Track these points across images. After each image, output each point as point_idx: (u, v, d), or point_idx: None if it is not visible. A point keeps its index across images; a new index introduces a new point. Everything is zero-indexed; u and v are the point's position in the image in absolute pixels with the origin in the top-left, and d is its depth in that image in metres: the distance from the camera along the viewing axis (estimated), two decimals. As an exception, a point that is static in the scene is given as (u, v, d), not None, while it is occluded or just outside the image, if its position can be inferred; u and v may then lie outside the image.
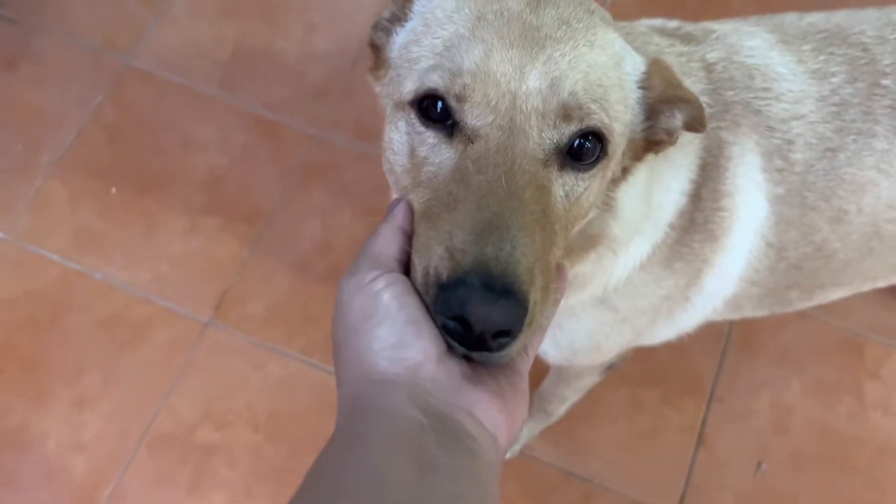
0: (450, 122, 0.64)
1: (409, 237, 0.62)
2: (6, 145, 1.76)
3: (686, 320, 1.04)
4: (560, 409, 1.41)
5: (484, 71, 0.63)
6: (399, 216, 0.63)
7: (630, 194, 0.80)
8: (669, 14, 0.93)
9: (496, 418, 0.56)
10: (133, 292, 1.62)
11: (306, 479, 0.52)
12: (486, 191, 0.59)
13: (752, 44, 0.94)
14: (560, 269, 0.67)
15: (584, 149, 0.65)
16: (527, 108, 0.62)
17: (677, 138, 0.75)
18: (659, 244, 0.90)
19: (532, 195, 0.60)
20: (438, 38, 0.67)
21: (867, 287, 1.07)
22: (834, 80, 0.92)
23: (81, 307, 1.61)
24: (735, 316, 1.09)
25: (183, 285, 1.63)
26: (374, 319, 0.56)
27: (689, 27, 0.96)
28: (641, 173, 0.81)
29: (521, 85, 0.63)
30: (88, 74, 1.83)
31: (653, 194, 0.85)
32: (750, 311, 1.08)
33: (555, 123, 0.63)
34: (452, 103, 0.63)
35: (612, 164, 0.71)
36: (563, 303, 0.90)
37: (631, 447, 1.52)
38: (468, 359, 0.58)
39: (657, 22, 0.96)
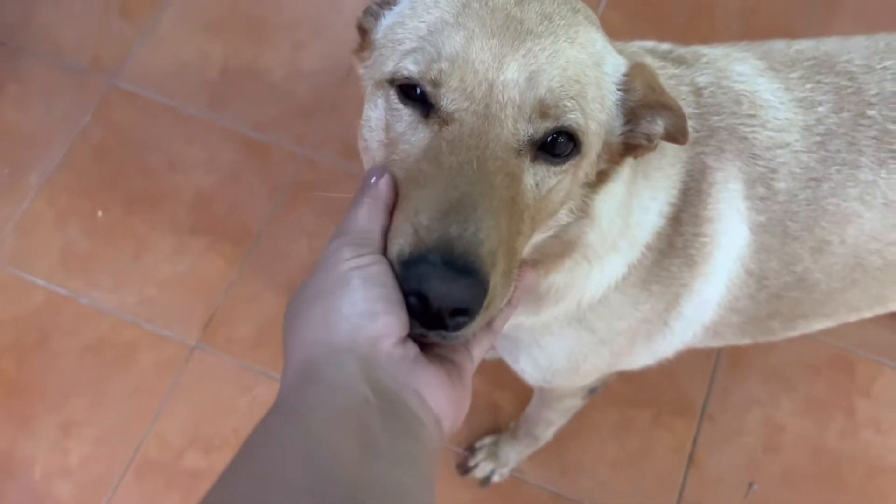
0: (428, 103, 0.65)
1: (391, 210, 0.62)
2: (-8, 167, 1.75)
3: (665, 345, 1.04)
4: (547, 433, 1.40)
5: (463, 57, 0.64)
6: (383, 189, 0.62)
7: (608, 204, 0.79)
8: (656, 28, 0.92)
9: (443, 403, 0.56)
10: (120, 316, 1.61)
11: (242, 450, 0.51)
12: (456, 171, 0.60)
13: (741, 69, 0.93)
14: (522, 266, 0.67)
15: (557, 143, 0.66)
16: (503, 98, 0.63)
17: (657, 144, 0.75)
18: (635, 265, 0.89)
19: (502, 181, 0.61)
20: (423, 21, 0.68)
21: (852, 318, 1.06)
22: (820, 109, 0.92)
23: (68, 331, 1.60)
24: (716, 343, 1.09)
25: (170, 308, 1.62)
26: (350, 287, 0.55)
27: (681, 50, 0.96)
28: (620, 186, 0.80)
29: (498, 75, 0.63)
30: (74, 95, 1.82)
31: (631, 212, 0.85)
32: (732, 339, 1.07)
33: (530, 118, 0.64)
34: (428, 88, 0.64)
35: (585, 163, 0.71)
36: (537, 318, 0.91)
37: (621, 468, 1.52)
38: (423, 342, 0.58)
39: (649, 44, 0.96)
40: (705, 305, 0.97)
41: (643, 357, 1.06)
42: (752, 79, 0.93)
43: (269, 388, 1.55)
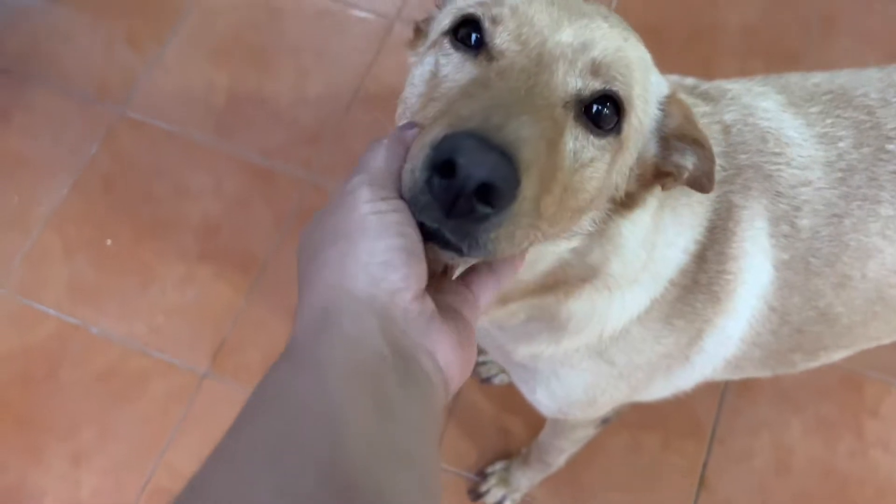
0: (479, 48, 0.65)
1: None
2: (1, 197, 1.76)
3: (684, 379, 1.04)
4: (559, 460, 1.40)
5: (523, 11, 0.65)
6: (408, 135, 0.60)
7: (633, 233, 0.80)
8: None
9: (452, 364, 0.56)
10: (129, 345, 1.62)
11: (256, 398, 0.49)
12: (505, 92, 0.58)
13: (766, 105, 0.94)
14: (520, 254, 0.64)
15: (601, 114, 0.65)
16: (556, 52, 0.64)
17: (685, 179, 0.76)
18: (658, 299, 0.89)
19: (547, 118, 0.59)
20: None
21: (872, 346, 1.07)
22: (841, 144, 0.93)
23: (77, 361, 1.60)
24: (736, 376, 1.09)
25: (179, 336, 1.63)
26: (371, 234, 0.53)
27: (706, 86, 0.96)
28: (646, 217, 0.80)
29: (553, 34, 0.64)
30: (82, 124, 1.83)
31: (655, 246, 0.85)
32: (752, 372, 1.07)
33: (581, 73, 0.64)
34: (487, 24, 0.65)
35: (621, 158, 0.70)
36: (557, 347, 0.90)
37: (633, 492, 1.52)
38: (436, 238, 0.55)
39: (673, 78, 0.96)
40: (727, 341, 0.97)
41: (660, 390, 1.06)
42: (776, 115, 0.94)
43: (279, 416, 1.55)
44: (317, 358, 0.50)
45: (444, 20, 0.72)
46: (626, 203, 0.76)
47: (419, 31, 0.79)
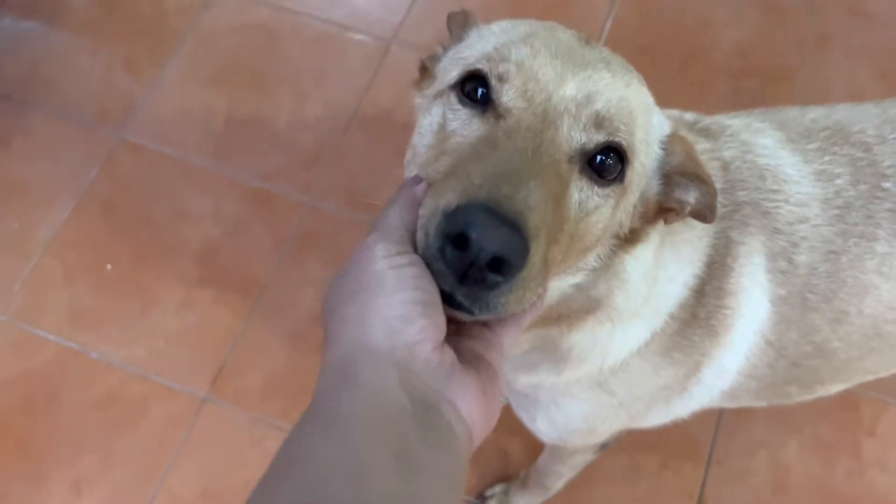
0: (486, 105, 0.67)
1: None
2: (1, 223, 1.77)
3: (682, 408, 1.05)
4: (557, 484, 1.41)
5: (528, 66, 0.67)
6: (419, 193, 0.62)
7: (636, 268, 0.81)
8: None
9: (476, 413, 0.56)
10: (129, 370, 1.62)
11: (283, 457, 0.51)
12: (512, 154, 0.60)
13: (764, 142, 0.96)
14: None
15: (605, 164, 0.68)
16: (560, 107, 0.66)
17: (688, 214, 0.77)
18: (658, 332, 0.90)
19: (553, 176, 0.62)
20: (490, 44, 0.72)
21: (868, 379, 1.08)
22: (838, 181, 0.94)
23: (78, 386, 1.61)
24: (732, 405, 1.10)
25: (179, 361, 1.64)
26: (388, 288, 0.55)
27: (706, 121, 0.98)
28: (649, 252, 0.82)
29: (558, 89, 0.66)
30: (81, 149, 1.85)
31: (657, 281, 0.86)
32: (748, 402, 1.08)
33: (585, 127, 0.66)
34: (493, 82, 0.67)
35: (625, 200, 0.72)
36: (559, 378, 0.92)
37: (631, 513, 1.52)
38: (450, 300, 0.57)
39: (675, 113, 0.98)
40: (725, 373, 0.98)
41: (659, 418, 1.08)
42: (774, 152, 0.95)
43: (279, 441, 1.53)
44: (339, 414, 0.52)
45: (452, 71, 0.73)
46: (629, 239, 0.78)
47: (425, 70, 0.81)
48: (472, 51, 0.73)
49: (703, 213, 0.77)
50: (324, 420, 0.52)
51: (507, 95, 0.66)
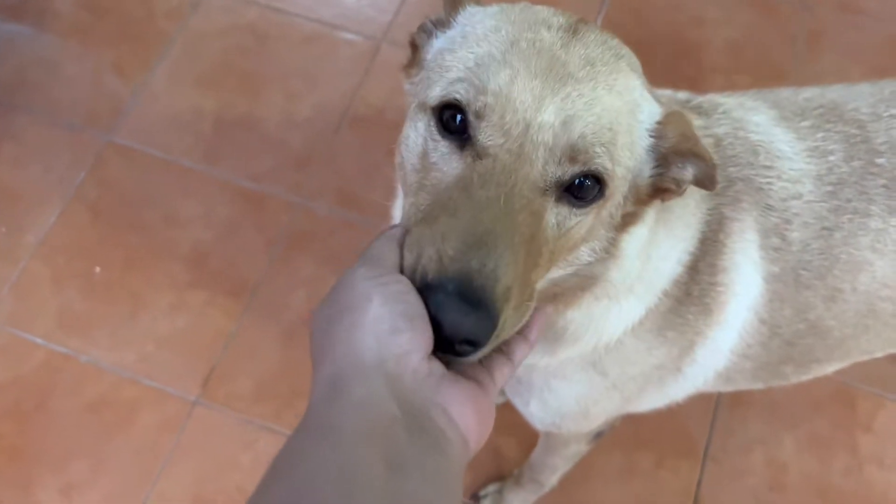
0: (465, 136, 0.68)
1: (399, 247, 0.65)
2: (-11, 227, 1.75)
3: (676, 390, 1.04)
4: (552, 479, 1.40)
5: (506, 95, 0.66)
6: (398, 232, 0.66)
7: (632, 245, 0.81)
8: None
9: (469, 420, 0.58)
10: (119, 374, 1.61)
11: (275, 466, 0.52)
12: (484, 206, 0.63)
13: (757, 119, 0.95)
14: (540, 306, 0.71)
15: (583, 187, 0.68)
16: (537, 139, 0.66)
17: (685, 190, 0.77)
18: (652, 310, 0.90)
19: (525, 219, 0.64)
20: (472, 53, 0.71)
21: (865, 358, 1.07)
22: (831, 158, 0.93)
23: (68, 391, 1.60)
24: (728, 388, 1.09)
25: (170, 364, 1.62)
26: (375, 303, 0.58)
27: (698, 99, 0.97)
28: (643, 229, 0.81)
29: (536, 116, 0.66)
30: (69, 153, 1.83)
31: (650, 259, 0.86)
32: (744, 384, 1.08)
33: (560, 161, 0.66)
34: (471, 118, 0.67)
35: (609, 205, 0.73)
36: (553, 358, 0.91)
37: (627, 512, 1.51)
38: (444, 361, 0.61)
39: (666, 93, 0.97)
40: (718, 352, 0.98)
41: (653, 401, 1.07)
42: (767, 129, 0.95)
43: (271, 443, 1.54)
44: (329, 424, 0.54)
45: (434, 81, 0.72)
46: (624, 223, 0.78)
47: (416, 49, 0.80)
48: (454, 57, 0.72)
49: (704, 183, 0.77)
50: (315, 431, 0.54)
51: (484, 134, 0.66)
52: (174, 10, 2.02)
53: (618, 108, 0.70)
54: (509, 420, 1.55)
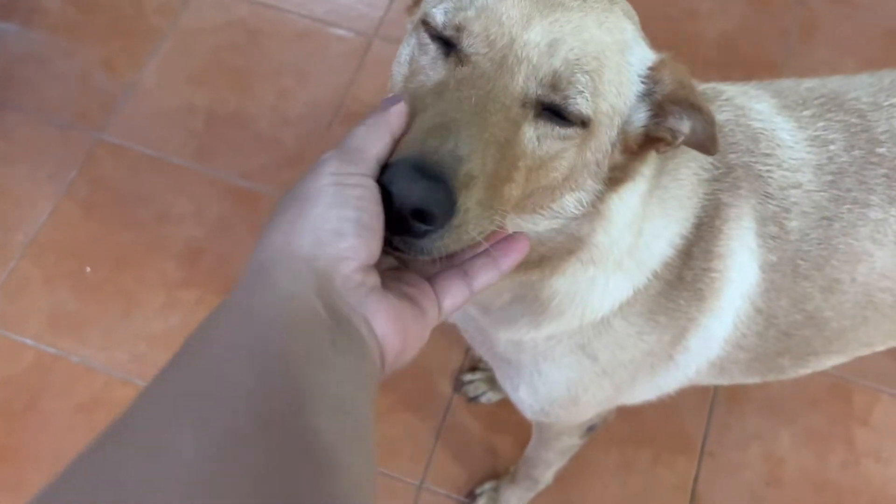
0: (452, 43, 0.67)
1: (395, 140, 0.61)
2: (-22, 227, 1.74)
3: (668, 380, 1.03)
4: (546, 475, 1.39)
5: (492, 8, 0.66)
6: (393, 115, 0.61)
7: (621, 210, 0.79)
8: None
9: (390, 335, 0.55)
10: (112, 374, 1.59)
11: (184, 348, 0.49)
12: (454, 104, 0.62)
13: (760, 107, 0.94)
14: (517, 237, 0.66)
15: (566, 111, 0.67)
16: (521, 54, 0.65)
17: (681, 142, 0.75)
18: (641, 291, 0.88)
19: (499, 121, 0.62)
20: None
21: (865, 352, 1.06)
22: (832, 147, 0.93)
23: (59, 392, 1.58)
24: (723, 381, 1.08)
25: (162, 363, 1.59)
26: (327, 201, 0.55)
27: (701, 87, 0.95)
28: (635, 196, 0.80)
29: (522, 32, 0.65)
30: (59, 151, 1.81)
31: (642, 233, 0.84)
32: (739, 377, 1.07)
33: (541, 82, 0.65)
34: (451, 33, 0.66)
35: (594, 142, 0.71)
36: (538, 332, 0.90)
37: (624, 509, 1.50)
38: (393, 249, 0.59)
39: None
40: (711, 341, 0.97)
41: (645, 391, 1.06)
42: (769, 117, 0.94)
43: (265, 442, 1.53)
44: (250, 311, 0.51)
45: (428, 2, 0.72)
46: (616, 178, 0.76)
47: None
48: None
49: (704, 144, 0.74)
50: (232, 314, 0.51)
51: (467, 42, 0.66)
52: (165, 7, 2.00)
53: (606, 44, 0.69)
54: (504, 418, 1.55)
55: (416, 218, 0.57)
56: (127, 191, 1.78)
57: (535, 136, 0.66)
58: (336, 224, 0.54)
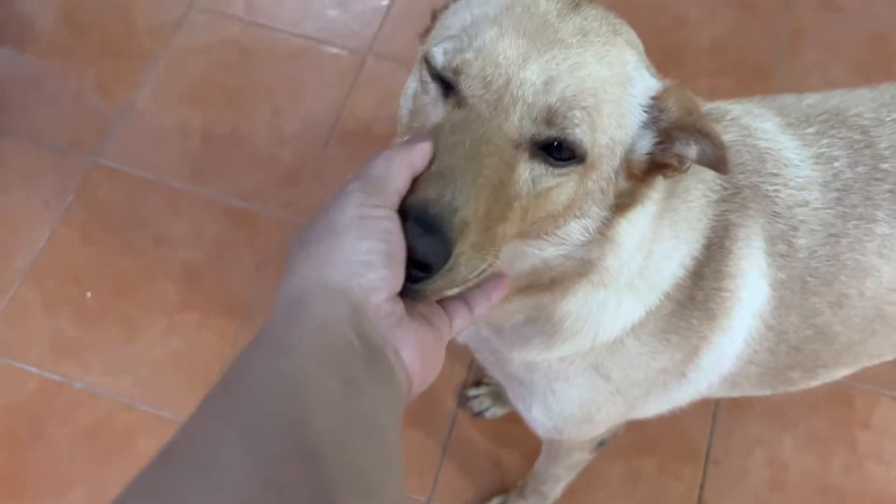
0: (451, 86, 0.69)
1: (414, 176, 0.63)
2: (-25, 254, 1.73)
3: (680, 395, 1.04)
4: (555, 490, 1.40)
5: (489, 49, 0.67)
6: (417, 152, 0.64)
7: (630, 234, 0.80)
8: None
9: (416, 365, 0.59)
10: (115, 399, 1.59)
11: (225, 378, 0.51)
12: (449, 149, 0.63)
13: (765, 126, 0.95)
14: (500, 276, 0.72)
15: (561, 149, 0.68)
16: (517, 94, 0.66)
17: (688, 168, 0.75)
18: (653, 311, 0.89)
19: (493, 164, 0.64)
20: (471, 14, 0.72)
21: (874, 363, 1.07)
22: (836, 164, 0.93)
23: (63, 418, 1.58)
24: (735, 394, 1.09)
25: (166, 388, 1.61)
26: (356, 234, 0.57)
27: (707, 107, 0.96)
28: (645, 220, 0.80)
29: (518, 71, 0.66)
30: (55, 176, 1.81)
31: (652, 255, 0.85)
32: (750, 390, 1.08)
33: (536, 120, 0.66)
34: (449, 75, 0.68)
35: (595, 174, 0.72)
36: (549, 353, 0.91)
37: (631, 519, 1.51)
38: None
39: None
40: (723, 358, 0.98)
41: (657, 406, 1.07)
42: (774, 136, 0.94)
43: (271, 464, 1.53)
44: (287, 339, 0.54)
45: (433, 41, 0.74)
46: (624, 203, 0.76)
47: (434, 18, 0.80)
48: (456, 19, 0.73)
49: (716, 166, 0.75)
50: (272, 346, 0.54)
51: (465, 85, 0.67)
52: (157, 28, 2.00)
53: (605, 78, 0.69)
54: (512, 432, 1.56)
55: (415, 266, 0.60)
56: (124, 214, 1.77)
57: (531, 177, 0.67)
58: (366, 256, 0.57)
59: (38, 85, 1.93)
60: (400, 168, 0.62)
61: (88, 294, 1.68)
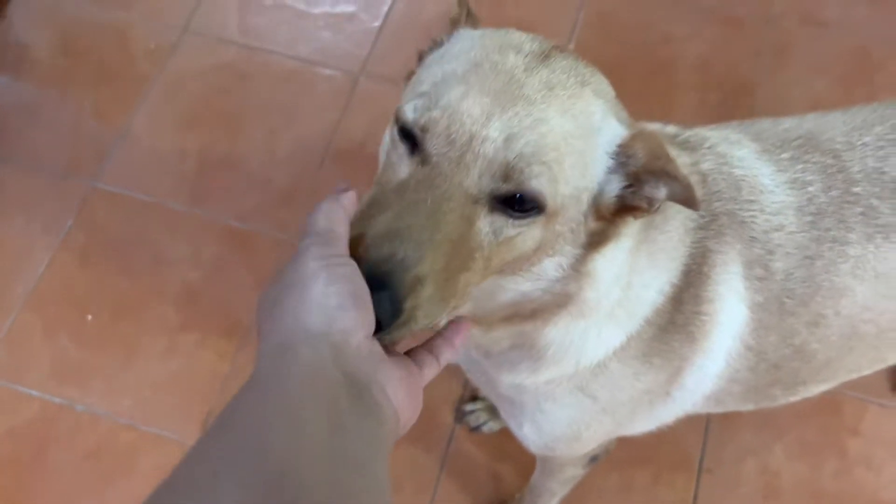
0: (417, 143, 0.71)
1: (349, 220, 0.68)
2: (-24, 280, 1.75)
3: (666, 413, 1.07)
4: (551, 503, 1.42)
5: (454, 108, 0.69)
6: (346, 200, 0.69)
7: (606, 268, 0.82)
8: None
9: (402, 400, 0.62)
10: (116, 420, 1.61)
11: (221, 419, 0.55)
12: (412, 206, 0.66)
13: (741, 154, 0.98)
14: (459, 322, 0.76)
15: (522, 201, 0.70)
16: (478, 151, 0.68)
17: (658, 209, 0.77)
18: (635, 336, 0.92)
19: (453, 221, 0.67)
20: (441, 70, 0.74)
21: (852, 377, 1.10)
22: (811, 189, 0.96)
23: (65, 441, 1.60)
24: (719, 410, 1.12)
25: (167, 408, 1.63)
26: (325, 280, 0.60)
27: (686, 134, 0.99)
28: (621, 253, 0.83)
29: (481, 129, 0.68)
30: (54, 201, 1.83)
31: (631, 286, 0.88)
32: (733, 406, 1.11)
33: (495, 175, 0.68)
34: (417, 132, 0.70)
35: (560, 220, 0.73)
36: (536, 377, 0.94)
37: (627, 529, 1.54)
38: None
39: (655, 126, 0.98)
40: (706, 378, 1.00)
41: (644, 424, 1.09)
42: (750, 163, 0.97)
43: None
44: (277, 383, 0.57)
45: (407, 94, 0.76)
46: (596, 241, 0.78)
47: (420, 60, 0.83)
48: (429, 73, 0.75)
49: (686, 203, 0.77)
50: (263, 387, 0.57)
51: (430, 143, 0.69)
52: (153, 52, 2.03)
53: (568, 131, 0.70)
54: (509, 446, 1.58)
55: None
56: (123, 237, 1.80)
57: (491, 230, 0.70)
58: (336, 300, 0.60)
59: (36, 111, 1.96)
60: (340, 218, 0.66)
61: (89, 317, 1.71)
